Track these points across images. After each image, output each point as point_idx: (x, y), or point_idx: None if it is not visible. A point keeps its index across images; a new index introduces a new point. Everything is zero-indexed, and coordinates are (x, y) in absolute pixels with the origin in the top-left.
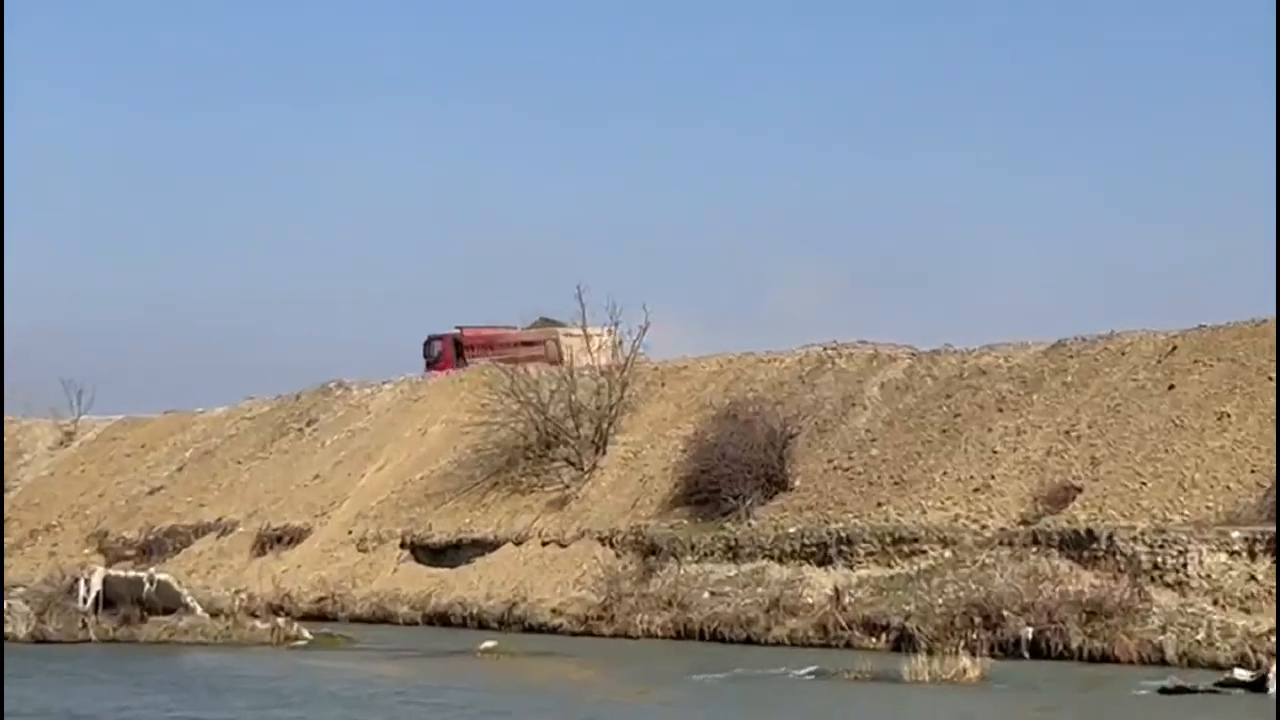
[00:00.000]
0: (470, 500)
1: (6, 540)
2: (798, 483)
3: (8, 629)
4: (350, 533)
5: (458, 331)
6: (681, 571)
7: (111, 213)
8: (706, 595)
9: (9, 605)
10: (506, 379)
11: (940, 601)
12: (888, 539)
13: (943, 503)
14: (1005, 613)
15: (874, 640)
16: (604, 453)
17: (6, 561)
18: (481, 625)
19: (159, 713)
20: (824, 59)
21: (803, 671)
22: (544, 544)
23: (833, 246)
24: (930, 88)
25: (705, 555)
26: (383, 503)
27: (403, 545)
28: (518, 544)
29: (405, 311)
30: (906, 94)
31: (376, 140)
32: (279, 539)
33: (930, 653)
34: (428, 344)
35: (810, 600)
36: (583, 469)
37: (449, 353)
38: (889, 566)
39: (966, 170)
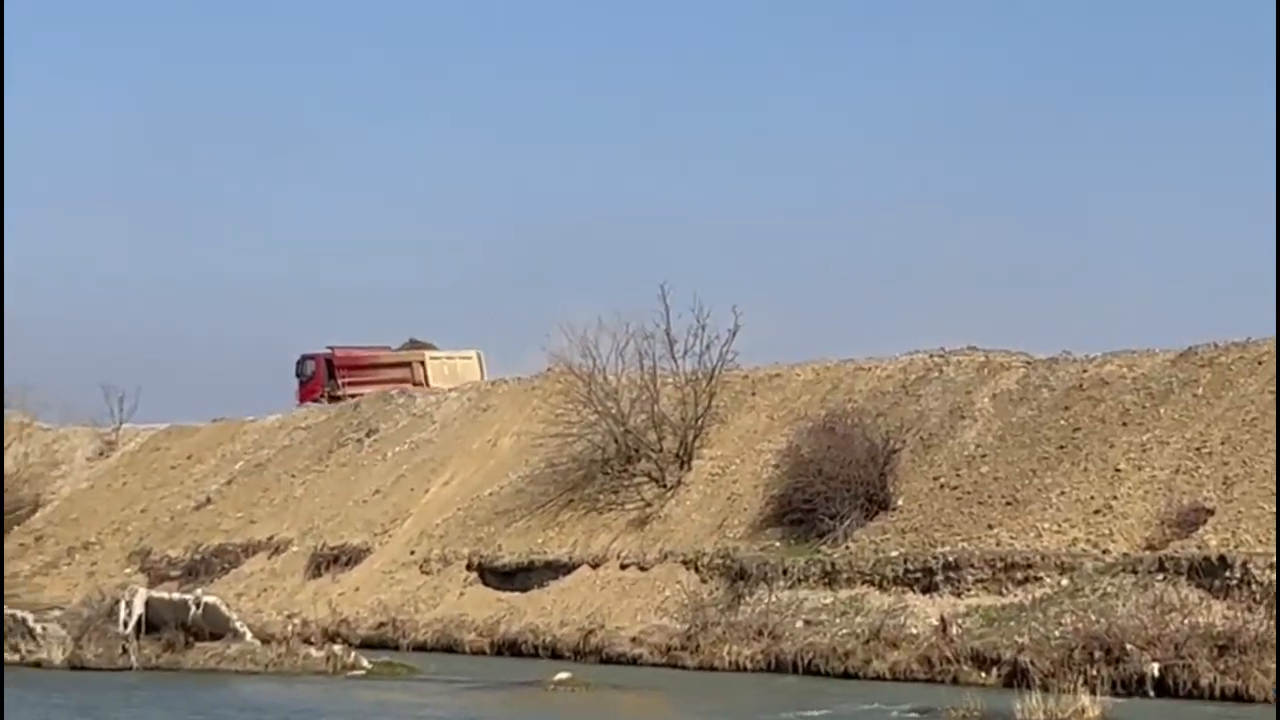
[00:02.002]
0: (543, 519)
1: (41, 558)
2: (900, 502)
3: (42, 654)
4: (413, 553)
5: (329, 351)
6: (773, 598)
7: (156, 204)
8: (800, 624)
9: (44, 629)
10: (583, 386)
11: (1056, 633)
12: (999, 565)
13: (1060, 525)
14: (1128, 646)
15: (983, 675)
16: (689, 468)
17: (42, 581)
18: (554, 655)
19: None
20: (960, 59)
21: (905, 708)
22: (623, 567)
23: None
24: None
25: (799, 581)
26: (448, 521)
27: (470, 567)
28: (594, 567)
29: (473, 313)
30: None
31: (435, 135)
32: (336, 559)
33: (1045, 690)
34: (301, 363)
35: (914, 631)
36: (666, 485)
37: (320, 372)
38: (1000, 595)
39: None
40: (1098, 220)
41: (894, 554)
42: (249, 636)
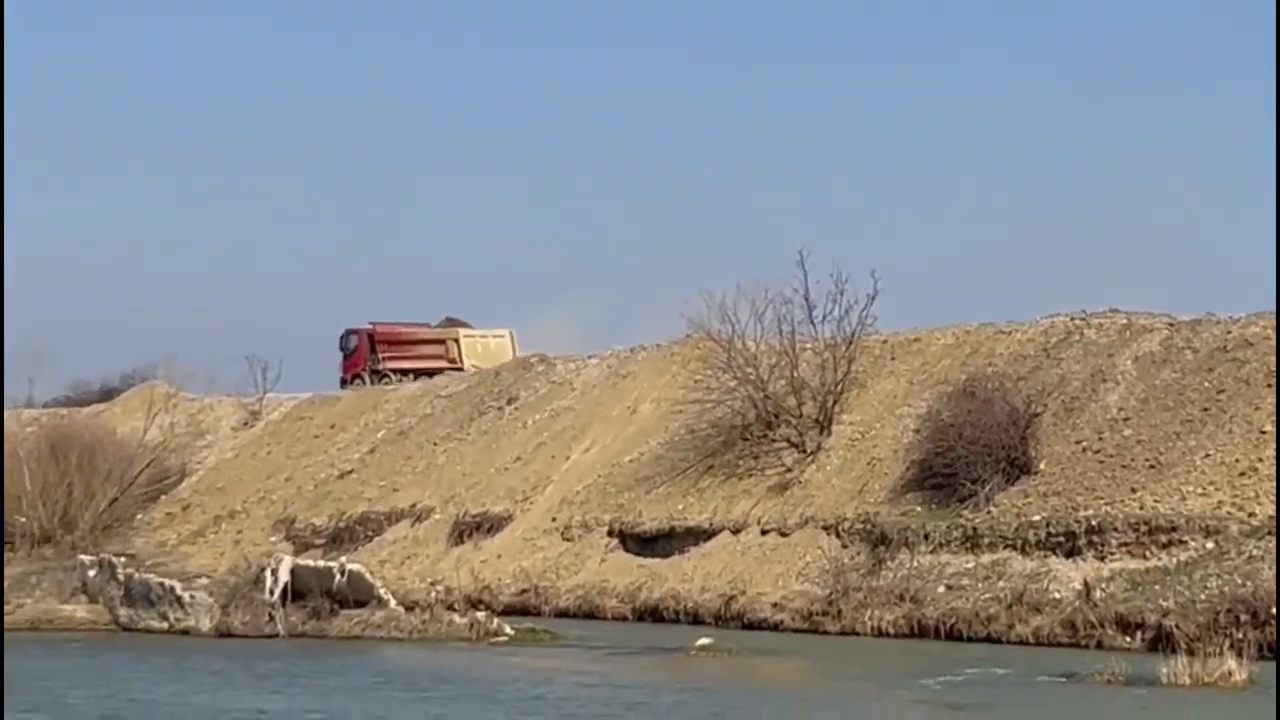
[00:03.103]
0: (683, 485)
1: (188, 527)
2: (1042, 466)
3: (190, 622)
4: (554, 520)
5: (371, 327)
6: (914, 563)
7: (298, 175)
8: (942, 589)
9: (192, 597)
10: (722, 352)
11: (1202, 597)
12: (1143, 528)
13: (1204, 488)
14: (1275, 610)
15: (1127, 639)
16: (829, 433)
17: (188, 550)
18: (696, 621)
19: (343, 714)
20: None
21: (1049, 673)
22: (764, 533)
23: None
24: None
25: (940, 545)
26: (589, 487)
27: (610, 534)
28: (735, 533)
29: (609, 279)
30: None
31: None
32: (478, 526)
33: (1191, 654)
34: (345, 337)
35: (1057, 595)
36: (806, 451)
37: (363, 347)
38: (1144, 559)
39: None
40: (1240, 179)
41: (1036, 518)
42: (393, 603)
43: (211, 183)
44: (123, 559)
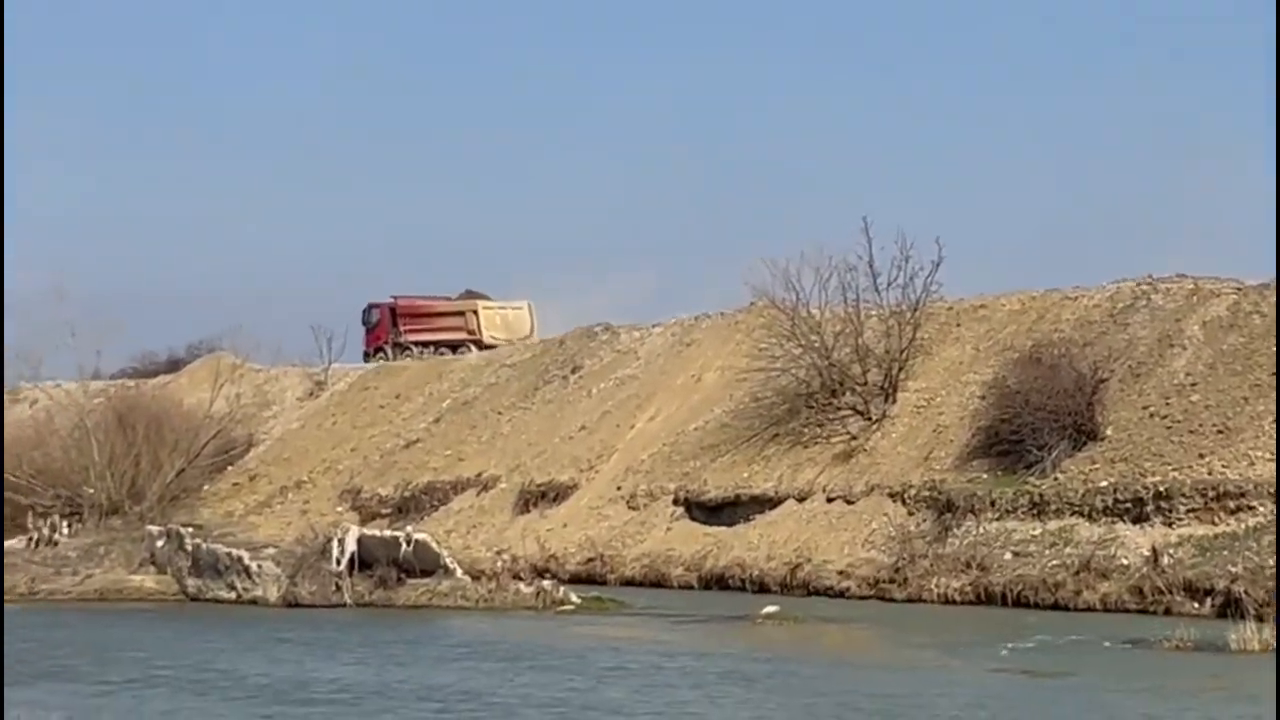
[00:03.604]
0: (749, 453)
1: (255, 497)
2: (1109, 432)
3: (258, 592)
4: (619, 489)
5: (393, 301)
6: (981, 530)
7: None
8: (1009, 556)
9: (259, 567)
10: (786, 320)
11: (1270, 563)
12: (1211, 494)
13: (1273, 453)
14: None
15: (1196, 605)
16: (894, 401)
17: (255, 520)
18: (761, 589)
19: (436, 685)
20: None
21: (1117, 640)
22: (829, 500)
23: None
24: None
25: (1007, 512)
26: (654, 456)
27: (676, 502)
28: (801, 500)
29: (672, 248)
30: None
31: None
32: (543, 495)
33: (1260, 619)
34: (367, 311)
35: (1124, 561)
36: (871, 418)
37: (385, 321)
38: (1213, 524)
39: None
40: None
41: (1103, 484)
42: (459, 573)
43: (278, 154)
44: (190, 529)
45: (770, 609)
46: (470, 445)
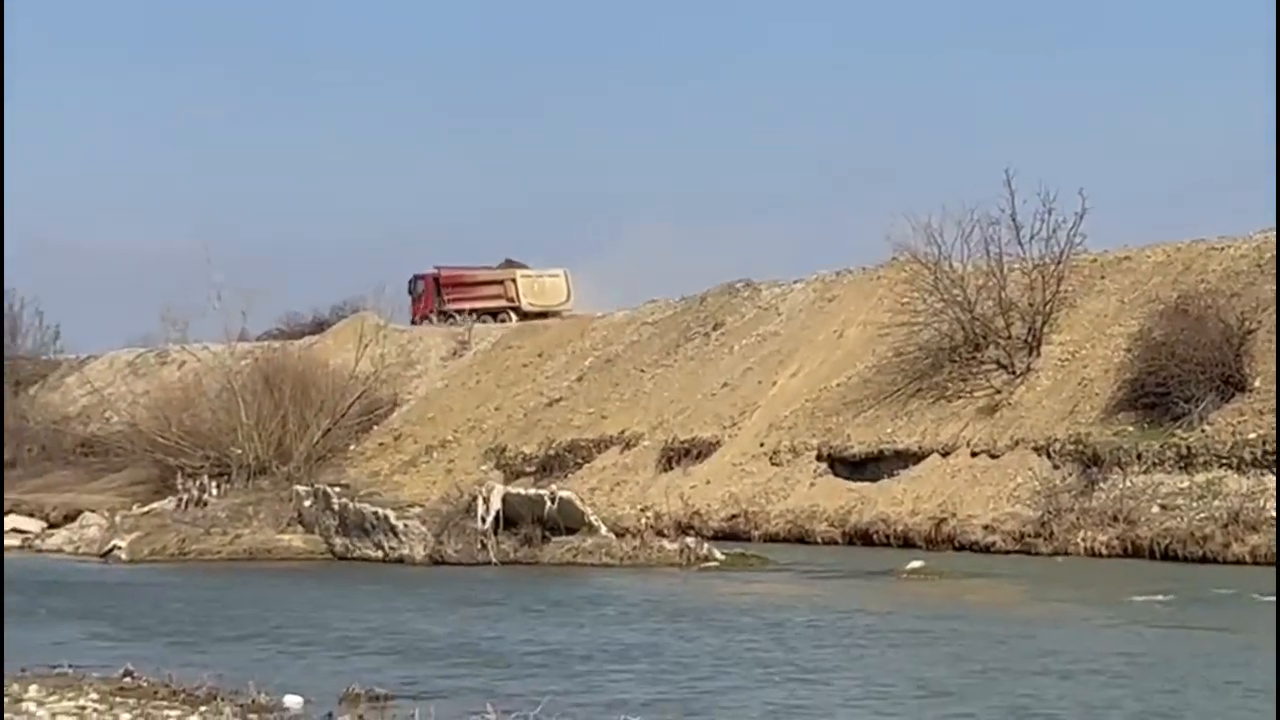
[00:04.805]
0: (892, 408)
1: (400, 457)
2: (1258, 384)
3: (405, 551)
4: (762, 445)
5: (436, 271)
6: (1127, 483)
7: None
8: (1156, 509)
9: (406, 526)
10: (929, 274)
11: None
12: None
13: None
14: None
15: None
16: (1038, 354)
17: (401, 480)
18: (906, 544)
19: (629, 644)
20: None
21: (1267, 593)
22: (973, 455)
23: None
24: None
25: (1154, 465)
26: (796, 412)
27: (819, 458)
28: (944, 455)
29: (814, 201)
30: None
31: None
32: (686, 453)
33: None
34: (412, 282)
35: (1274, 514)
36: (1015, 372)
37: (429, 290)
38: None
39: None
40: None
41: (1252, 436)
42: (603, 530)
43: (423, 112)
44: (337, 489)
45: (915, 564)
46: (613, 403)
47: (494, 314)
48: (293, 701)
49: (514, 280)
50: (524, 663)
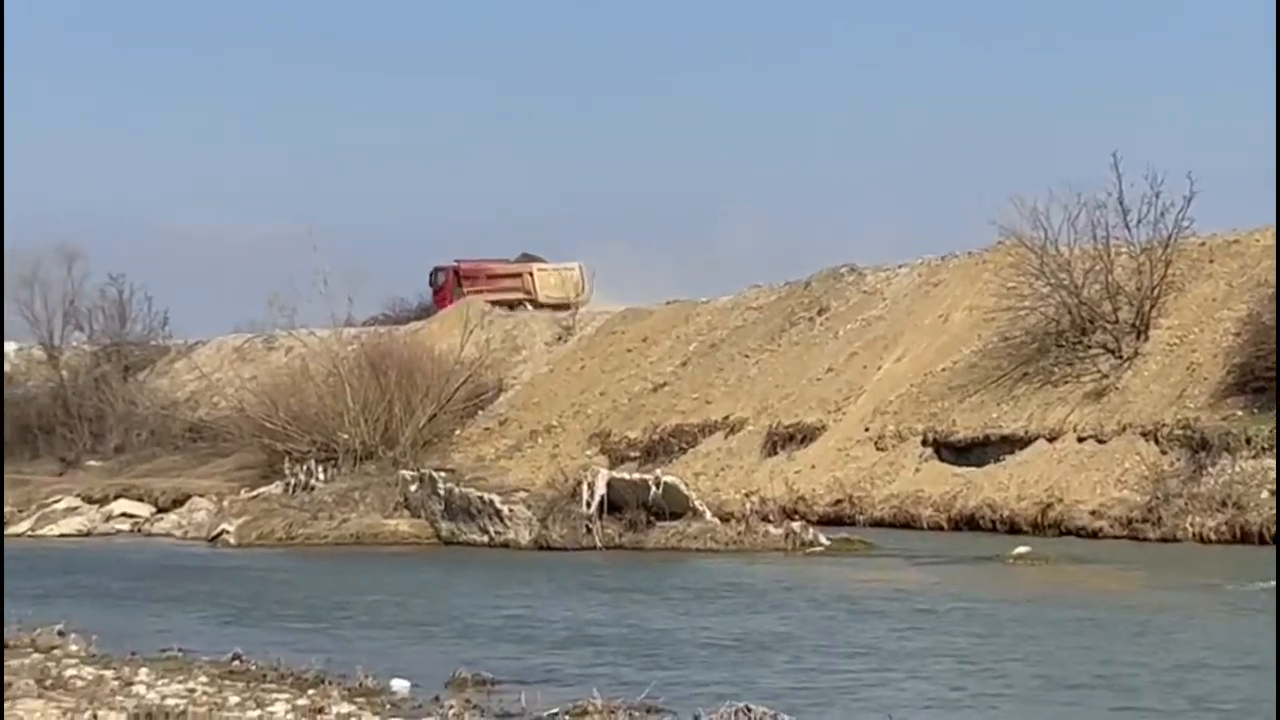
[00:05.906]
0: (998, 393)
1: (505, 442)
2: None
3: (510, 535)
4: (867, 430)
5: (456, 264)
6: (1237, 468)
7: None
8: (1265, 494)
9: (511, 511)
10: (1035, 258)
11: None
12: None
13: None
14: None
15: None
16: (1146, 338)
17: (506, 465)
18: (1012, 529)
19: (770, 633)
20: None
21: None
22: (1080, 440)
23: None
24: None
25: (1264, 450)
26: (901, 397)
27: (924, 443)
28: (1051, 440)
29: (920, 183)
30: None
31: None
32: (791, 437)
33: None
34: (434, 274)
35: None
36: (1122, 356)
37: (450, 282)
38: None
39: None
40: None
41: None
42: (708, 515)
43: (523, 98)
44: (443, 474)
45: (1021, 549)
46: (717, 388)
47: (511, 305)
48: (400, 685)
49: (531, 274)
50: (683, 653)
